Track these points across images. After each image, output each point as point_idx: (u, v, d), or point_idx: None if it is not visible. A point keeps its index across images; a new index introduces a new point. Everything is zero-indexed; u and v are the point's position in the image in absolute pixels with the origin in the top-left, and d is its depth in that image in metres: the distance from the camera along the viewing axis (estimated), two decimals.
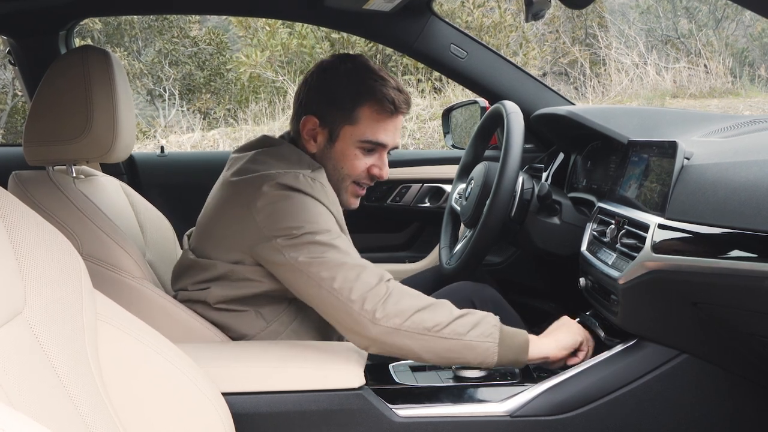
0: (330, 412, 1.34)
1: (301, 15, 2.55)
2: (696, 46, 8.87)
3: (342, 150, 1.60)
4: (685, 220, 1.27)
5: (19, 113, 9.62)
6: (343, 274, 1.39)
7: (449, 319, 1.39)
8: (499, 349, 1.40)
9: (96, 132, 1.53)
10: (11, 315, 0.90)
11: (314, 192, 1.50)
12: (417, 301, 1.40)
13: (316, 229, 1.44)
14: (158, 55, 10.20)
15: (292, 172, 1.50)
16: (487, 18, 8.39)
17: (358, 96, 1.58)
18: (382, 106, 1.58)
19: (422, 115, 6.85)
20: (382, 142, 1.60)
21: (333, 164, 1.62)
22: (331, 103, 1.59)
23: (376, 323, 1.36)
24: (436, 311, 1.40)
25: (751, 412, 1.45)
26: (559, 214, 1.86)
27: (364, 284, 1.39)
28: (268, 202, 1.46)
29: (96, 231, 1.54)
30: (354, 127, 1.58)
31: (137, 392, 1.06)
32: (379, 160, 1.63)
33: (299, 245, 1.42)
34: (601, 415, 1.41)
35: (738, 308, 1.23)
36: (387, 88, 1.58)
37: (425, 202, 2.62)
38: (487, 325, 1.42)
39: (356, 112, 1.58)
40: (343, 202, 1.65)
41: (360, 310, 1.37)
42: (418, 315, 1.38)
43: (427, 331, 1.37)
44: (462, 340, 1.38)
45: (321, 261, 1.41)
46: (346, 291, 1.38)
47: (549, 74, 9.61)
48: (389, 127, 1.60)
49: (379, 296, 1.38)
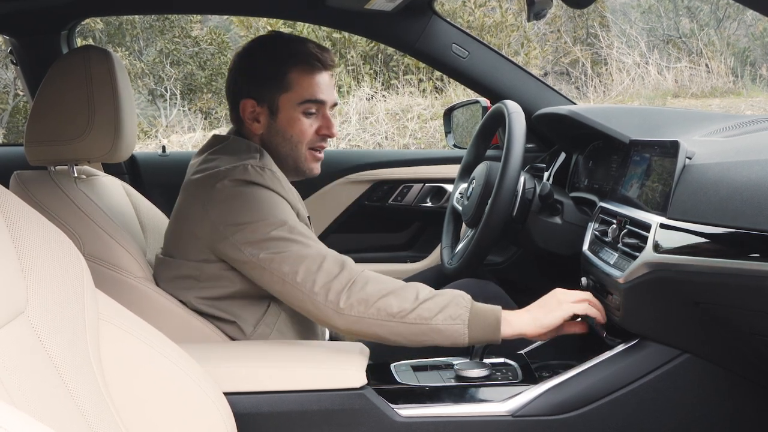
0: (332, 412, 1.34)
1: (302, 15, 2.55)
2: (697, 45, 8.86)
3: (286, 119, 1.62)
4: (687, 219, 1.26)
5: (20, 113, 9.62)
6: (305, 267, 1.39)
7: (415, 304, 1.37)
8: (469, 331, 1.38)
9: (97, 132, 1.53)
10: (13, 314, 0.90)
11: (266, 182, 1.51)
12: (381, 286, 1.39)
13: (272, 221, 1.44)
14: (159, 54, 10.20)
15: (241, 165, 1.52)
16: (489, 17, 8.39)
17: (283, 63, 1.60)
18: (309, 64, 1.61)
19: (424, 115, 6.84)
20: (320, 98, 1.62)
21: (282, 136, 1.63)
22: (261, 79, 1.62)
23: (341, 313, 1.36)
24: (401, 296, 1.38)
25: (752, 412, 1.45)
26: (561, 213, 1.86)
27: (326, 274, 1.38)
28: (221, 199, 1.48)
29: (97, 231, 1.54)
30: (290, 93, 1.61)
31: (139, 392, 1.06)
32: (324, 120, 1.65)
33: (257, 242, 1.42)
34: (602, 414, 1.41)
35: (740, 308, 1.23)
36: (307, 47, 1.62)
37: (427, 202, 2.62)
38: (455, 307, 1.39)
39: (287, 78, 1.60)
40: (305, 171, 1.67)
41: (324, 301, 1.37)
42: (382, 301, 1.36)
43: (392, 317, 1.36)
44: (429, 324, 1.37)
45: (282, 256, 1.40)
46: (309, 283, 1.38)
47: (550, 74, 9.61)
48: (321, 83, 1.63)
49: (342, 285, 1.37)
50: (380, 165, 2.62)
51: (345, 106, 7.06)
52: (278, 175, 1.57)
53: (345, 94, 7.39)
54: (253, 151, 1.59)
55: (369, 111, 6.97)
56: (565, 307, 1.46)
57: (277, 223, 1.45)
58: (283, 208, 1.50)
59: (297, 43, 1.64)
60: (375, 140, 6.66)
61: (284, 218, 1.47)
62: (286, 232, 1.44)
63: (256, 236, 1.43)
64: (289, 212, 1.51)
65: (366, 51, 7.91)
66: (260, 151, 1.60)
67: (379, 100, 7.16)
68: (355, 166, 2.61)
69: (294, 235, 1.44)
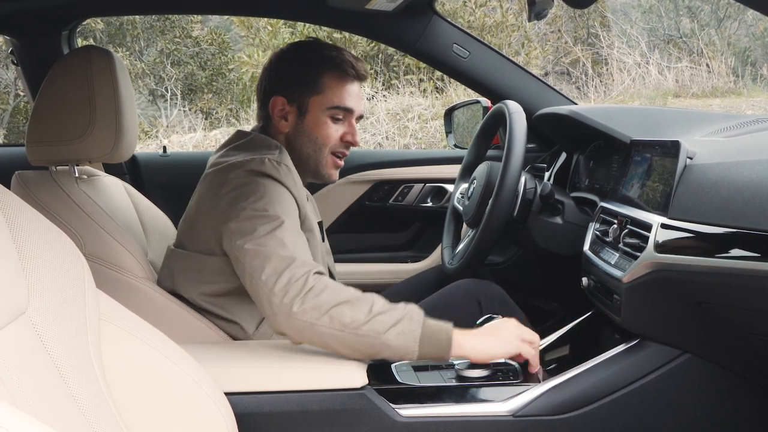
0: (333, 412, 1.34)
1: (303, 15, 2.55)
2: (698, 45, 8.86)
3: (313, 121, 1.66)
4: (687, 219, 1.26)
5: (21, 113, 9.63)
6: (272, 266, 1.38)
7: (369, 316, 1.34)
8: (419, 348, 1.35)
9: (98, 132, 1.54)
10: (15, 315, 0.90)
11: (279, 176, 1.53)
12: (337, 295, 1.36)
13: (269, 215, 1.45)
14: (160, 55, 10.21)
15: (258, 158, 1.54)
16: (490, 17, 8.39)
17: (318, 67, 1.65)
18: (343, 71, 1.65)
19: (424, 115, 6.84)
20: (349, 107, 1.66)
21: (307, 137, 1.66)
22: (295, 79, 1.66)
23: (293, 317, 1.34)
24: (356, 306, 1.35)
25: (753, 412, 1.45)
26: (562, 213, 1.86)
27: (288, 277, 1.36)
28: (233, 187, 1.50)
29: (98, 231, 1.54)
30: (320, 96, 1.64)
31: (140, 392, 1.06)
32: (350, 127, 1.69)
33: (244, 233, 1.43)
34: (603, 414, 1.41)
35: (741, 308, 1.23)
36: (343, 55, 1.67)
37: (427, 202, 2.62)
38: (408, 322, 1.36)
39: (320, 81, 1.64)
40: (324, 175, 1.70)
41: (279, 303, 1.35)
42: (336, 309, 1.34)
43: (344, 327, 1.34)
44: (380, 338, 1.34)
45: (256, 251, 1.40)
46: (271, 283, 1.36)
47: (551, 74, 9.61)
48: (353, 92, 1.67)
49: (299, 290, 1.35)
50: (381, 165, 2.62)
51: None
52: (292, 172, 1.58)
53: None
54: (273, 148, 1.61)
55: (370, 111, 6.97)
56: (514, 344, 1.43)
57: (272, 218, 1.45)
58: (287, 205, 1.50)
59: (333, 49, 1.68)
60: (376, 140, 6.66)
61: (283, 215, 1.47)
62: (274, 228, 1.43)
63: (246, 226, 1.44)
64: (291, 210, 1.51)
65: (366, 51, 7.91)
66: (279, 149, 1.62)
67: (379, 100, 7.16)
68: (356, 166, 2.61)
69: (280, 232, 1.43)
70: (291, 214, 1.50)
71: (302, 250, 1.45)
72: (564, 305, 2.22)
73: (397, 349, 1.35)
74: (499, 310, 1.67)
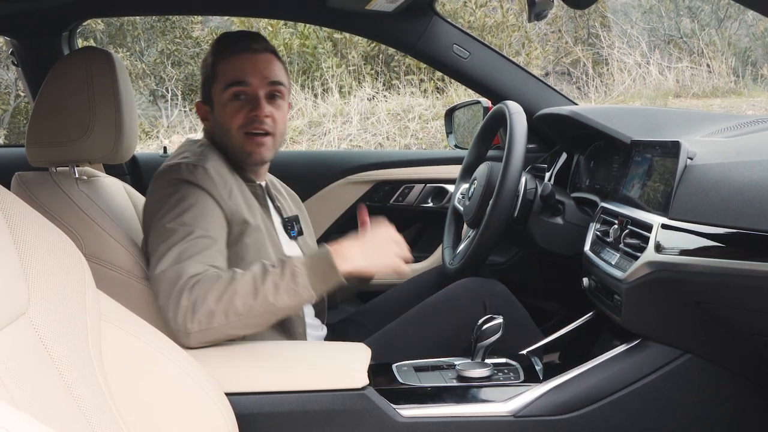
0: (333, 412, 1.34)
1: (303, 15, 2.55)
2: (699, 45, 8.85)
3: (219, 108, 1.66)
4: (688, 220, 1.26)
5: (21, 114, 9.63)
6: (163, 290, 1.41)
7: (256, 294, 1.38)
8: (314, 290, 1.40)
9: (99, 133, 1.54)
10: (15, 315, 0.90)
11: (195, 179, 1.54)
12: (220, 289, 1.38)
13: (176, 226, 1.47)
14: (161, 55, 10.20)
15: (176, 164, 1.57)
16: (490, 18, 8.38)
17: (211, 59, 1.67)
18: (227, 53, 1.65)
19: (425, 115, 6.84)
20: (240, 80, 1.63)
21: (220, 126, 1.67)
22: (202, 80, 1.71)
23: (189, 332, 1.37)
24: (241, 291, 1.38)
25: (754, 412, 1.45)
26: (562, 214, 1.86)
27: (176, 296, 1.38)
28: (153, 198, 1.56)
29: (99, 232, 1.54)
30: (217, 83, 1.66)
31: (141, 392, 1.06)
32: (254, 102, 1.63)
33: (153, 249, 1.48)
34: (604, 414, 1.41)
35: (741, 308, 1.23)
36: (228, 37, 1.69)
37: (428, 202, 2.62)
38: (291, 275, 1.40)
39: (215, 71, 1.66)
40: (245, 156, 1.67)
41: (175, 325, 1.38)
42: (226, 305, 1.37)
43: (239, 316, 1.38)
44: (276, 306, 1.39)
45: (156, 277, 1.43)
46: (165, 308, 1.40)
47: (551, 74, 9.60)
48: (243, 66, 1.64)
49: (186, 306, 1.37)
50: (382, 165, 2.62)
51: (346, 107, 7.06)
52: (211, 172, 1.56)
53: (346, 94, 7.39)
54: (194, 150, 1.64)
55: (370, 111, 6.96)
56: (394, 261, 1.50)
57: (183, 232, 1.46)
58: (201, 212, 1.51)
59: (222, 38, 1.70)
60: (376, 141, 6.66)
61: (194, 226, 1.48)
62: (180, 243, 1.45)
63: (154, 245, 1.48)
64: (207, 216, 1.51)
65: (367, 51, 7.91)
66: (202, 150, 1.63)
67: (380, 100, 7.16)
68: (357, 167, 2.60)
69: (184, 246, 1.44)
70: (206, 220, 1.50)
71: (199, 261, 1.44)
72: (565, 305, 2.22)
73: (296, 304, 1.42)
74: (503, 310, 1.67)
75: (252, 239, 1.57)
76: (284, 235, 1.73)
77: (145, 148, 7.24)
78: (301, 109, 7.15)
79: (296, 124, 6.92)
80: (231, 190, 1.58)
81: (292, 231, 1.76)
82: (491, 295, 1.73)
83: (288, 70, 1.74)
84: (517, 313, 1.73)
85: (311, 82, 7.60)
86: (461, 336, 1.64)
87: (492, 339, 1.48)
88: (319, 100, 7.29)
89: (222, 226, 1.54)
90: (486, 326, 1.48)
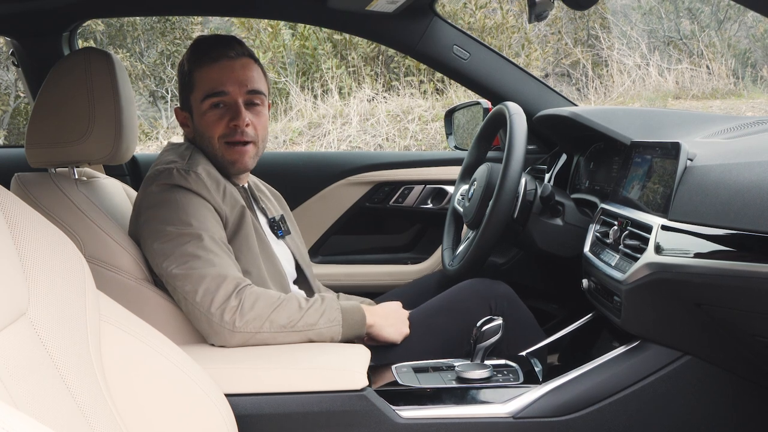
0: (333, 414, 1.34)
1: (303, 16, 2.55)
2: (698, 47, 8.86)
3: (198, 117, 1.67)
4: (688, 221, 1.26)
5: (21, 114, 9.63)
6: (204, 287, 1.46)
7: (300, 313, 1.49)
8: (343, 330, 1.51)
9: (98, 134, 1.54)
10: (15, 316, 0.90)
11: (189, 184, 1.56)
12: (270, 301, 1.47)
13: (188, 233, 1.50)
14: (160, 56, 10.20)
15: (166, 170, 1.59)
16: (490, 19, 8.38)
17: (187, 67, 1.67)
18: (202, 61, 1.64)
19: (425, 117, 6.84)
20: (219, 90, 1.63)
21: (200, 134, 1.68)
22: (180, 87, 1.71)
23: (236, 331, 1.44)
24: (287, 307, 1.48)
25: (754, 413, 1.45)
26: (562, 215, 1.86)
27: (222, 296, 1.45)
28: (149, 205, 1.57)
29: (98, 232, 1.54)
30: (195, 92, 1.66)
31: (140, 393, 1.06)
32: (234, 110, 1.64)
33: (169, 255, 1.50)
34: (604, 416, 1.41)
35: (740, 309, 1.23)
36: (203, 43, 1.68)
37: (428, 204, 2.62)
38: (331, 310, 1.52)
39: (191, 78, 1.66)
40: (229, 165, 1.68)
41: (220, 321, 1.44)
42: (274, 314, 1.46)
43: (283, 329, 1.47)
44: (313, 330, 1.49)
45: (186, 275, 1.47)
46: (207, 304, 1.45)
47: (551, 75, 9.60)
48: (220, 75, 1.63)
49: (235, 306, 1.44)
50: (381, 166, 2.62)
51: (346, 108, 7.06)
52: (203, 176, 1.59)
53: (346, 95, 7.39)
54: (182, 154, 1.65)
55: (370, 112, 6.96)
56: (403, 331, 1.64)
57: (190, 234, 1.50)
58: (202, 215, 1.54)
59: (197, 43, 1.69)
60: (376, 142, 6.65)
61: (200, 228, 1.51)
62: (196, 247, 1.49)
63: (168, 247, 1.50)
64: (208, 219, 1.54)
65: (367, 52, 7.91)
66: (189, 154, 1.65)
67: (380, 101, 7.16)
68: (356, 168, 2.60)
69: (203, 252, 1.49)
70: (208, 224, 1.54)
71: (228, 264, 1.51)
72: (564, 307, 2.22)
73: (327, 335, 1.51)
74: (508, 311, 1.68)
75: (243, 239, 1.60)
76: (271, 235, 1.74)
77: (144, 149, 7.24)
78: (301, 110, 7.16)
79: (296, 126, 6.92)
80: (224, 191, 1.61)
81: (279, 231, 1.78)
82: (497, 296, 1.72)
83: (266, 73, 1.74)
84: (521, 314, 1.73)
85: (311, 84, 7.61)
86: (465, 337, 1.64)
87: (491, 340, 1.48)
88: (318, 102, 7.29)
89: (221, 228, 1.57)
90: (485, 327, 1.48)
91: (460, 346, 1.64)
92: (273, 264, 1.66)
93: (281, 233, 1.78)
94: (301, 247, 1.87)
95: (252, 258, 1.60)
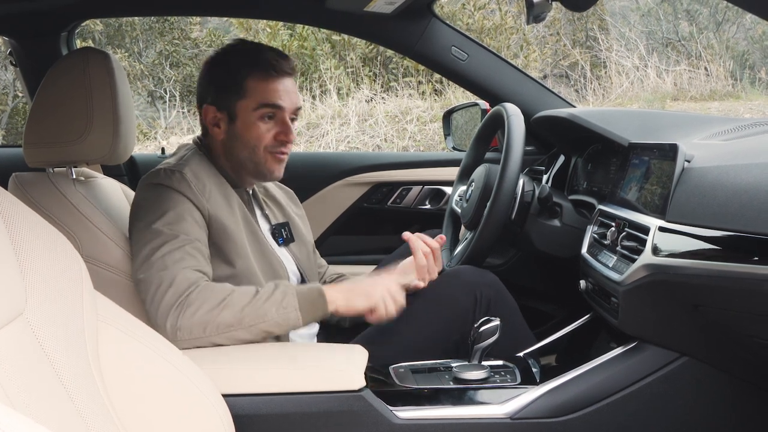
0: (330, 414, 1.34)
1: (302, 17, 2.55)
2: (696, 48, 8.87)
3: (243, 124, 1.66)
4: (685, 222, 1.27)
5: (19, 114, 9.62)
6: (151, 293, 1.45)
7: (246, 308, 1.43)
8: (301, 314, 1.47)
9: (96, 134, 1.53)
10: (13, 316, 0.90)
11: (172, 184, 1.56)
12: (214, 303, 1.43)
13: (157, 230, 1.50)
14: (159, 56, 10.21)
15: (157, 170, 1.60)
16: (488, 20, 8.39)
17: (240, 71, 1.65)
18: (264, 71, 1.65)
19: (423, 117, 6.84)
20: (276, 103, 1.65)
21: (240, 141, 1.67)
22: (221, 86, 1.67)
23: (179, 339, 1.41)
24: (231, 307, 1.43)
25: (752, 414, 1.45)
26: (560, 216, 1.86)
27: (166, 304, 1.43)
28: (134, 204, 1.59)
29: (96, 232, 1.54)
30: (246, 99, 1.65)
31: (138, 393, 1.06)
32: (283, 125, 1.67)
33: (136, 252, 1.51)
34: (601, 417, 1.41)
35: (738, 311, 1.23)
36: (265, 54, 1.67)
37: (426, 204, 2.62)
38: (282, 295, 1.47)
39: (244, 86, 1.64)
40: (266, 173, 1.70)
41: (164, 329, 1.42)
42: (217, 317, 1.42)
43: (230, 328, 1.43)
44: (266, 321, 1.44)
45: (142, 279, 1.47)
46: (153, 312, 1.44)
47: (550, 76, 9.60)
48: (278, 89, 1.65)
49: (178, 313, 1.42)
50: (379, 167, 2.62)
51: (344, 109, 7.06)
52: (189, 178, 1.58)
53: (344, 96, 7.39)
54: (181, 156, 1.65)
55: (368, 113, 6.96)
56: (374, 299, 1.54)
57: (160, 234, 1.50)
58: (178, 214, 1.53)
59: (255, 51, 1.68)
60: (374, 142, 6.66)
61: (175, 229, 1.51)
62: (159, 245, 1.48)
63: (136, 248, 1.51)
64: (188, 220, 1.53)
65: (365, 53, 7.91)
66: (189, 155, 1.65)
67: (378, 102, 7.16)
68: (354, 168, 2.61)
69: (165, 250, 1.48)
70: (185, 226, 1.53)
71: (187, 265, 1.48)
72: (562, 308, 2.22)
73: (283, 323, 1.46)
74: (494, 299, 1.67)
75: (231, 243, 1.59)
76: (273, 242, 1.74)
77: (143, 149, 7.23)
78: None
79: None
80: (210, 192, 1.60)
81: (279, 239, 1.77)
82: (483, 284, 1.72)
83: None
84: (507, 303, 1.71)
85: (309, 84, 7.61)
86: (452, 327, 1.64)
87: (489, 341, 1.48)
88: (317, 102, 7.29)
89: (202, 227, 1.56)
90: (483, 328, 1.48)
91: (447, 335, 1.64)
92: (269, 263, 1.66)
93: (282, 241, 1.78)
94: (309, 256, 1.87)
95: (242, 261, 1.59)
